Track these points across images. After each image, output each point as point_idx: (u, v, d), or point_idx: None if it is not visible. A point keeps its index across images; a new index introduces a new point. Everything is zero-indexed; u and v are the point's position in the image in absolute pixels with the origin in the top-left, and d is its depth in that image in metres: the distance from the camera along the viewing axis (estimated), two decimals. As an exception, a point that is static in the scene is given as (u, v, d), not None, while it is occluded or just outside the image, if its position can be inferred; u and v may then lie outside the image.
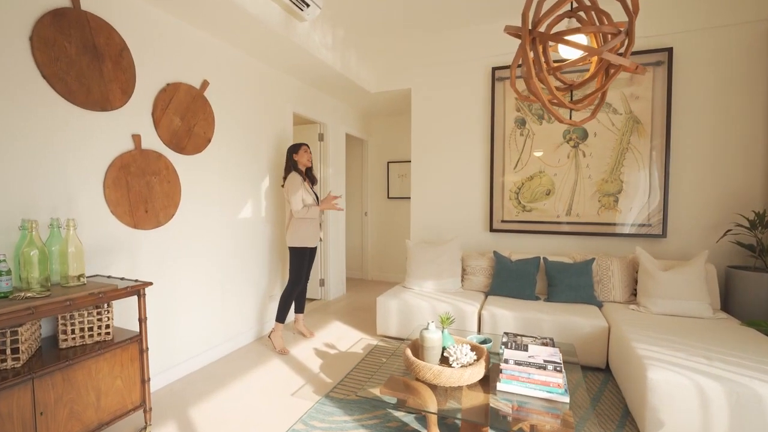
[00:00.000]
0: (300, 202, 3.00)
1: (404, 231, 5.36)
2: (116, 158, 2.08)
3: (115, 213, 2.08)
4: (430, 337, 1.90)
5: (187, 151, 2.49)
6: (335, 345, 3.06)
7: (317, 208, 3.07)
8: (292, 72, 3.46)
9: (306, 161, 3.10)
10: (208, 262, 2.70)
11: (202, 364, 2.67)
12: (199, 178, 2.61)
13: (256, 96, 3.14)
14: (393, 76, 4.06)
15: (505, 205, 3.64)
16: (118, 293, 1.67)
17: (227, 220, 2.87)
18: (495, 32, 3.59)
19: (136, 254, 2.21)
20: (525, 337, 2.23)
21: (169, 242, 2.40)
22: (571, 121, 1.72)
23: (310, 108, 3.92)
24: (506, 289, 3.12)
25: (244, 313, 3.07)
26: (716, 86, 3.00)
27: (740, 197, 2.97)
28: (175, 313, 2.46)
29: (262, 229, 3.25)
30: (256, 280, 3.20)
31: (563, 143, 3.43)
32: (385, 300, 3.16)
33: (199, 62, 2.59)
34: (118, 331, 1.84)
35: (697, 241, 3.08)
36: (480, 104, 3.72)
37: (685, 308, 2.57)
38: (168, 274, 2.40)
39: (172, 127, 2.39)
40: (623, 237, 3.27)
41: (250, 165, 3.10)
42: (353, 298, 4.51)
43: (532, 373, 1.70)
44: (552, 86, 1.62)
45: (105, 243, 2.05)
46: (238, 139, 2.97)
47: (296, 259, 3.05)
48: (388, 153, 5.43)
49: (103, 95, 2.01)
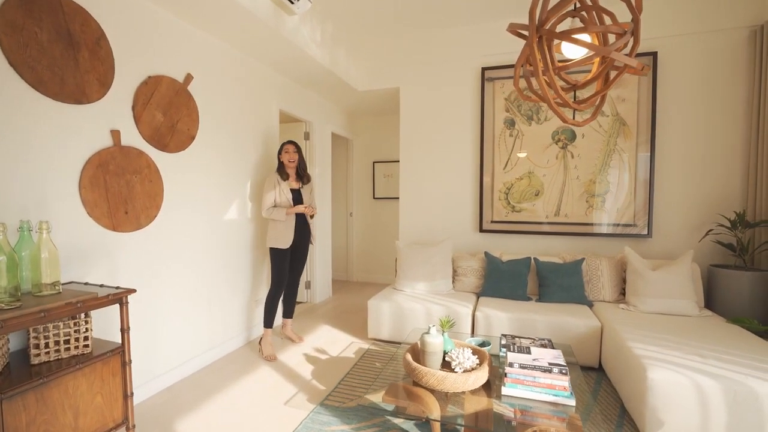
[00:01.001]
0: (267, 202, 2.90)
1: (390, 232, 5.31)
2: (93, 155, 1.93)
3: (93, 215, 1.93)
4: (432, 342, 1.85)
5: (169, 148, 2.34)
6: (326, 350, 2.97)
7: (283, 210, 2.90)
8: (279, 68, 3.35)
9: (287, 161, 2.98)
10: (193, 265, 2.56)
11: (187, 374, 2.52)
12: (182, 177, 2.46)
13: (241, 92, 3.01)
14: (381, 74, 3.99)
15: (495, 205, 3.64)
16: (99, 302, 1.53)
17: (212, 222, 2.73)
18: (485, 32, 3.59)
19: (116, 259, 2.06)
20: (523, 338, 2.21)
21: (151, 245, 2.25)
22: (574, 122, 1.71)
23: (296, 106, 3.81)
24: (498, 290, 3.11)
25: (230, 318, 2.93)
26: (699, 91, 3.10)
27: (720, 198, 3.08)
28: (157, 320, 2.31)
29: (247, 231, 3.12)
30: (242, 284, 3.06)
31: (552, 144, 3.46)
32: (377, 303, 3.09)
33: (182, 55, 2.44)
34: (98, 342, 1.69)
35: (680, 240, 3.18)
36: (469, 104, 3.71)
37: (673, 307, 2.64)
38: (150, 279, 2.25)
39: (154, 123, 2.24)
40: (610, 237, 3.33)
41: (235, 164, 2.96)
42: (340, 301, 4.42)
43: (538, 376, 1.68)
44: (557, 86, 1.60)
45: (82, 247, 1.89)
46: (223, 136, 2.83)
47: (274, 261, 2.94)
48: (374, 153, 5.37)
49: (79, 87, 1.85)
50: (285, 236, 2.94)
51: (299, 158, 3.02)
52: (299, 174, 3.06)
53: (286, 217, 2.92)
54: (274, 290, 2.95)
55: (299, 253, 3.11)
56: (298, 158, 3.01)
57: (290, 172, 3.03)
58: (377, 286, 5.18)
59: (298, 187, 3.06)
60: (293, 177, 3.05)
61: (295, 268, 3.14)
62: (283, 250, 2.93)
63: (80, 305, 1.45)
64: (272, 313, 2.94)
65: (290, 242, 2.93)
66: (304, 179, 3.08)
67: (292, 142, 3.01)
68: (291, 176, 3.03)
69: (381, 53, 3.95)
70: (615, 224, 3.31)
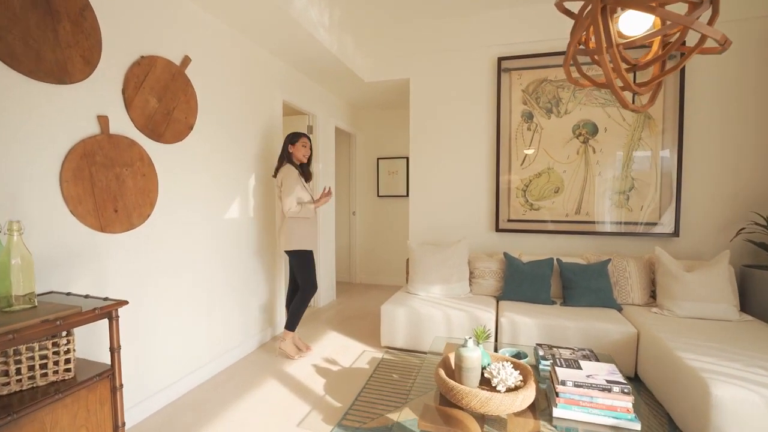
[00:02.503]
0: (294, 201, 2.68)
1: (396, 232, 5.09)
2: (77, 144, 1.66)
3: (76, 213, 1.66)
4: (470, 356, 1.63)
5: (165, 138, 2.08)
6: (336, 360, 2.73)
7: (313, 206, 2.76)
8: (283, 55, 3.09)
9: (301, 156, 2.76)
10: (191, 269, 2.29)
11: (185, 390, 2.26)
12: (179, 171, 2.20)
13: (243, 80, 2.75)
14: (390, 64, 3.76)
15: (512, 203, 3.44)
16: (84, 317, 1.28)
17: (213, 221, 2.47)
18: (501, 20, 3.38)
19: (104, 264, 1.79)
20: (562, 348, 2.01)
21: (144, 248, 1.98)
22: (635, 106, 1.51)
23: (299, 97, 3.56)
24: (520, 293, 2.91)
25: (232, 326, 2.68)
26: (728, 83, 2.93)
27: (751, 196, 2.92)
28: (152, 332, 2.04)
29: (250, 231, 2.86)
30: (244, 288, 2.80)
31: (573, 138, 3.27)
32: (391, 308, 2.86)
33: (180, 34, 2.18)
34: (82, 364, 1.43)
35: (708, 240, 3.01)
36: (484, 96, 3.50)
37: (711, 311, 2.46)
38: (143, 286, 1.98)
39: (147, 110, 1.97)
40: (635, 236, 3.15)
41: (237, 158, 2.71)
42: (345, 305, 4.18)
43: (596, 396, 1.47)
44: (621, 66, 1.39)
45: (63, 251, 1.62)
46: (224, 127, 2.57)
47: (304, 263, 2.76)
48: (378, 148, 5.13)
49: (59, 64, 1.59)
50: (312, 235, 2.79)
51: (311, 153, 2.82)
52: (305, 169, 2.83)
53: (314, 214, 2.74)
54: (309, 293, 2.77)
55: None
56: (310, 153, 2.81)
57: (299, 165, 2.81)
58: (382, 288, 4.95)
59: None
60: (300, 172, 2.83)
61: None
62: (310, 251, 2.76)
63: (60, 323, 1.20)
64: (299, 316, 2.78)
65: (316, 241, 2.74)
66: (309, 176, 2.85)
67: (308, 135, 2.80)
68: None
69: (390, 42, 3.72)
70: (639, 223, 3.13)
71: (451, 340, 2.31)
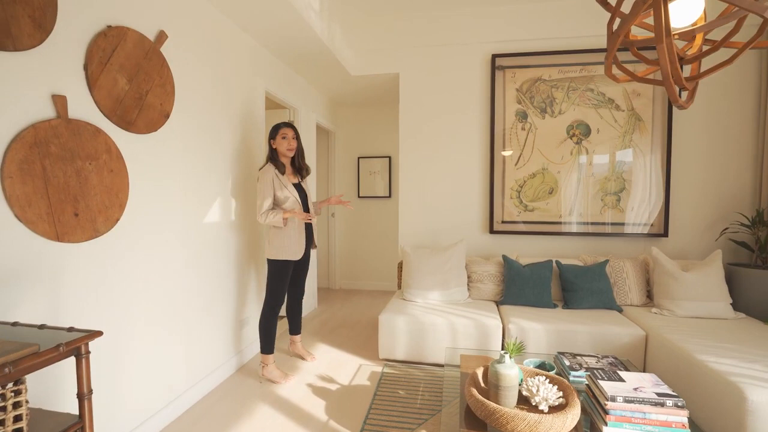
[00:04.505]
0: (264, 206, 2.32)
1: (378, 234, 4.88)
2: (26, 130, 1.30)
3: (24, 218, 1.30)
4: (508, 374, 1.47)
5: (137, 127, 1.74)
6: (333, 377, 2.48)
7: (281, 214, 2.31)
8: (267, 41, 2.78)
9: (285, 150, 2.45)
10: (166, 282, 1.95)
11: (161, 426, 1.91)
12: (154, 166, 1.85)
13: (224, 65, 2.42)
14: (379, 58, 3.56)
15: (506, 204, 3.36)
16: (43, 359, 0.96)
17: (191, 226, 2.13)
18: (497, 16, 3.29)
19: (62, 282, 1.43)
20: (586, 356, 1.91)
21: (111, 260, 1.63)
22: (683, 102, 1.42)
23: (281, 89, 3.25)
24: (522, 298, 2.81)
25: (213, 346, 2.34)
26: (713, 87, 3.04)
27: (732, 198, 3.04)
28: (121, 362, 1.69)
29: (232, 236, 2.53)
30: (227, 302, 2.47)
31: (567, 139, 3.25)
32: (390, 317, 2.65)
33: (155, 4, 1.84)
34: (38, 417, 1.09)
35: (693, 239, 3.10)
36: (478, 95, 3.39)
37: (709, 310, 2.50)
38: (111, 306, 1.63)
39: (116, 91, 1.63)
40: (626, 237, 3.18)
41: (218, 153, 2.38)
42: (329, 313, 3.91)
43: (649, 411, 1.36)
44: (676, 56, 1.28)
45: (6, 268, 1.26)
46: (204, 117, 2.24)
47: (274, 275, 2.41)
48: (359, 147, 4.90)
49: (1, 24, 1.23)
50: (297, 244, 2.42)
51: (298, 145, 2.49)
52: (296, 165, 2.53)
53: (291, 223, 2.40)
54: (270, 309, 2.42)
55: (304, 262, 2.60)
56: (297, 146, 2.49)
57: (286, 162, 2.49)
58: (365, 294, 4.72)
59: (298, 181, 2.54)
60: (290, 169, 2.52)
61: (301, 278, 2.65)
62: (290, 262, 2.41)
63: (10, 370, 0.87)
64: (272, 335, 2.43)
65: (302, 252, 2.42)
66: (303, 171, 2.56)
67: (290, 125, 2.48)
68: (287, 168, 2.50)
69: (380, 34, 3.51)
70: (631, 224, 3.16)
71: (467, 352, 2.17)
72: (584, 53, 3.15)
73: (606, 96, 3.17)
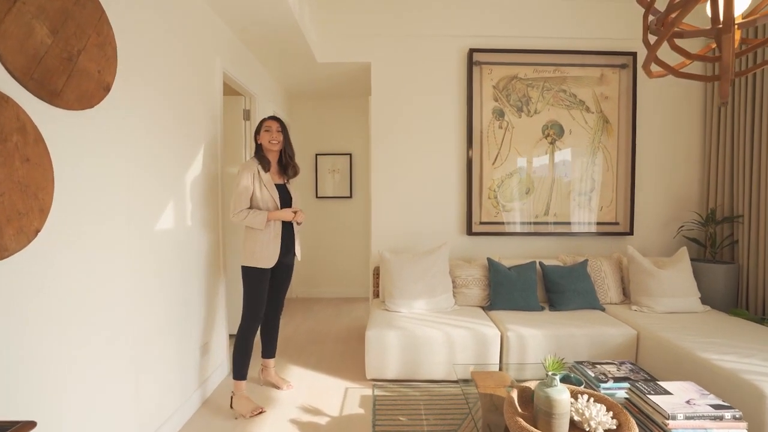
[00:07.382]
0: (241, 201, 2.00)
1: (340, 238, 4.53)
2: None
3: None
4: (561, 400, 1.28)
5: (65, 100, 1.23)
6: (318, 407, 2.12)
7: (263, 215, 2.02)
8: (229, 12, 2.32)
9: (267, 143, 2.08)
10: (110, 310, 1.44)
11: None
12: (89, 154, 1.35)
13: (179, 34, 1.93)
14: (349, 45, 3.23)
15: (484, 204, 3.26)
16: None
17: (142, 234, 1.63)
18: (475, 9, 3.17)
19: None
20: (604, 364, 1.82)
21: (28, 288, 1.12)
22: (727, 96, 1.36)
23: (239, 71, 2.78)
24: (510, 302, 2.71)
25: (172, 381, 1.83)
26: (669, 92, 3.24)
27: (684, 198, 3.29)
28: (47, 424, 1.18)
29: (191, 246, 2.04)
30: (189, 325, 1.97)
31: (542, 138, 3.25)
32: (380, 333, 2.36)
33: (83, -67, 1.33)
34: None
35: (653, 237, 3.29)
36: (454, 90, 3.25)
37: (682, 305, 2.62)
38: (30, 349, 1.12)
39: (31, 44, 1.12)
40: (595, 236, 3.27)
41: (176, 140, 1.88)
42: (291, 327, 3.48)
43: (710, 427, 1.27)
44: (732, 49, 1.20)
45: None
46: (156, 95, 1.74)
47: (251, 285, 2.06)
48: (316, 143, 4.51)
49: None
50: (270, 250, 2.06)
51: (285, 141, 2.12)
52: (283, 163, 2.15)
53: (267, 225, 2.00)
54: (248, 325, 2.06)
55: (283, 272, 2.23)
56: (284, 141, 2.11)
57: (272, 159, 2.14)
58: (327, 302, 4.34)
59: (283, 182, 2.15)
60: (275, 167, 2.14)
61: (280, 292, 2.26)
62: (265, 270, 2.02)
63: None
64: (246, 357, 2.07)
65: (276, 259, 2.03)
66: (289, 171, 2.17)
67: (276, 118, 2.11)
68: (273, 166, 2.12)
69: (351, 20, 3.19)
70: (600, 223, 3.26)
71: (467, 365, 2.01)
72: (558, 54, 3.17)
73: (577, 97, 3.22)
